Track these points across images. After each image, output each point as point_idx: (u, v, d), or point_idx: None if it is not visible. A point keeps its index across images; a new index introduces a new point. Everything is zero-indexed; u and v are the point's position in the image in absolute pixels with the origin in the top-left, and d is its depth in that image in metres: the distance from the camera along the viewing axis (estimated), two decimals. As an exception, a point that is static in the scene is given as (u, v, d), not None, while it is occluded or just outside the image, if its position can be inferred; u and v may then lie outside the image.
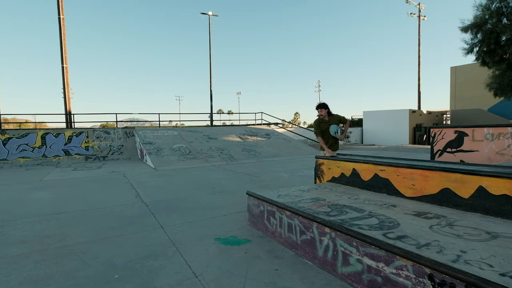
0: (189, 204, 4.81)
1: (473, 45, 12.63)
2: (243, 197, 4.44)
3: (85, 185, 6.68)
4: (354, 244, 2.22)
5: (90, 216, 4.27)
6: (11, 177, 8.01)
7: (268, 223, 3.32)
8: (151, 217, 4.14)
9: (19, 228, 3.77)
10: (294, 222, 2.89)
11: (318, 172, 4.59)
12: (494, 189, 2.56)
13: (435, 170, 3.00)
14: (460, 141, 6.78)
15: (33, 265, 2.72)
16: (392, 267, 1.95)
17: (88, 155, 11.79)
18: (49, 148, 11.31)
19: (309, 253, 2.68)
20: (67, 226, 3.81)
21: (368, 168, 3.73)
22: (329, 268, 2.45)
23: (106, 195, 5.60)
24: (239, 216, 4.06)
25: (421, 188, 3.11)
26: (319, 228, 2.56)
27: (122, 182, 7.00)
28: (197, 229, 3.63)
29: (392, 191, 3.41)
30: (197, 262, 2.71)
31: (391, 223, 2.43)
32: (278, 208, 3.15)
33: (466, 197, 2.74)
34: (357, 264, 2.20)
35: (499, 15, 11.69)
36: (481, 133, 6.42)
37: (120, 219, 4.09)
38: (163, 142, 11.72)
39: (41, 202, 5.10)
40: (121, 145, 12.49)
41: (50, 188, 6.41)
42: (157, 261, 2.75)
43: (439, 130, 7.28)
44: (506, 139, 6.02)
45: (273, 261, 2.69)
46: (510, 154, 5.92)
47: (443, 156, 7.07)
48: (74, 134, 11.85)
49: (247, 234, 3.40)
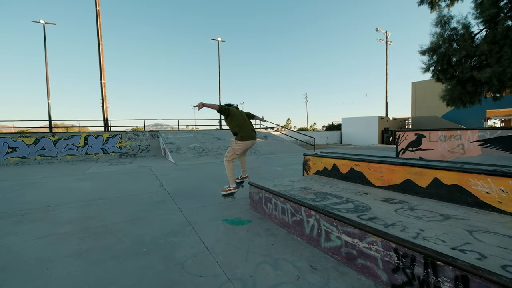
0: (203, 192, 4.80)
1: (429, 65, 12.62)
2: (246, 186, 4.43)
3: (119, 177, 6.67)
4: (334, 224, 2.22)
5: (123, 201, 4.26)
6: (60, 171, 8.00)
7: (266, 207, 3.31)
8: (172, 203, 4.14)
9: (66, 211, 3.77)
10: (286, 206, 2.88)
11: (305, 166, 4.58)
12: (446, 180, 2.56)
13: (399, 165, 3.00)
14: (419, 141, 6.77)
15: (77, 241, 2.72)
16: (365, 242, 1.95)
17: (122, 153, 11.77)
18: (91, 147, 11.29)
19: (298, 231, 2.68)
20: (104, 210, 3.80)
21: (345, 163, 3.73)
22: (315, 243, 2.45)
23: (136, 185, 5.59)
24: (243, 202, 4.05)
25: (388, 179, 3.11)
26: (306, 211, 2.56)
27: (148, 174, 6.99)
28: (209, 212, 3.63)
29: (365, 181, 3.40)
30: (209, 239, 2.70)
31: (364, 207, 2.43)
32: (273, 195, 3.15)
33: (424, 186, 2.74)
34: (337, 240, 2.20)
35: (451, 41, 11.67)
36: (436, 135, 6.42)
37: (147, 204, 4.09)
38: (181, 142, 11.70)
39: (84, 191, 5.09)
40: (148, 145, 12.46)
41: (91, 179, 6.40)
42: (176, 238, 2.74)
43: (402, 133, 7.27)
44: (456, 140, 6.02)
45: (269, 237, 2.69)
46: (459, 152, 5.92)
47: (405, 153, 7.06)
48: (110, 136, 11.83)
49: (249, 216, 3.39)
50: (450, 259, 1.45)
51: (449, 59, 11.80)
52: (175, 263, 2.22)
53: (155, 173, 7.17)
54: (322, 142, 23.33)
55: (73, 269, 2.17)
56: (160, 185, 5.53)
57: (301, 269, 2.07)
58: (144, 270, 2.13)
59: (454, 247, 1.58)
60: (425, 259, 1.56)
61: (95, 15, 14.63)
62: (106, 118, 15.17)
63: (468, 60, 11.43)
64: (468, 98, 12.15)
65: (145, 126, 15.31)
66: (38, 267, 2.21)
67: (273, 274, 2.01)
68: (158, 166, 8.56)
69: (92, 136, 11.48)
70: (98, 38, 14.64)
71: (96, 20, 14.62)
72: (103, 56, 14.80)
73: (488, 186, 2.28)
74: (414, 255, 1.63)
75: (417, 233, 1.79)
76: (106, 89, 15.11)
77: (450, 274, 1.45)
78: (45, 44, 17.28)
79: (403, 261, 1.69)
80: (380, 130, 21.86)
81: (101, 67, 14.76)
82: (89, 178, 6.59)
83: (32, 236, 2.88)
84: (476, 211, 2.27)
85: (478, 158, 4.80)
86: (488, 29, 10.78)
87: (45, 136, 10.71)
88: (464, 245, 1.60)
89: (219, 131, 15.28)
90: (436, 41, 11.94)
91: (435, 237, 1.73)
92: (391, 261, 1.76)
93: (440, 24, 11.89)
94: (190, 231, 2.94)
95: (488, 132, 5.57)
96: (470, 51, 11.00)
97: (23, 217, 3.53)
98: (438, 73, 12.36)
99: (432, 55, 12.31)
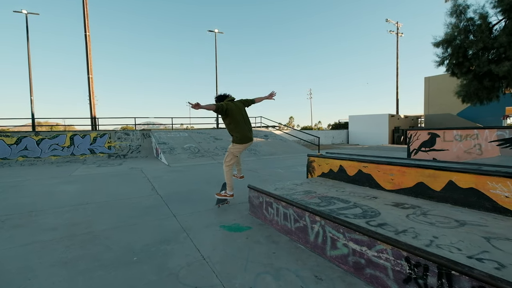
0: (198, 196, 4.81)
1: (444, 58, 12.63)
2: (245, 189, 4.43)
3: (108, 180, 6.67)
4: (341, 231, 2.22)
5: (112, 206, 4.26)
6: (44, 173, 8.00)
7: (267, 212, 3.31)
8: (165, 207, 4.14)
9: (50, 217, 3.77)
10: (289, 212, 2.88)
11: (309, 168, 4.58)
12: (462, 183, 2.55)
13: (411, 166, 3.00)
14: (433, 141, 6.77)
15: (63, 249, 2.71)
16: (374, 250, 1.95)
17: (111, 153, 11.77)
18: (77, 148, 11.29)
19: (302, 238, 2.68)
20: (92, 215, 3.81)
21: (353, 165, 3.73)
22: (319, 251, 2.45)
23: (126, 188, 5.59)
24: (241, 206, 4.06)
25: (399, 182, 3.11)
26: (311, 217, 2.56)
27: (140, 177, 6.99)
28: (205, 217, 3.63)
29: (374, 184, 3.40)
30: (205, 246, 2.70)
31: (373, 212, 2.43)
32: (275, 199, 3.14)
33: (438, 190, 2.74)
34: (343, 248, 2.20)
35: (467, 32, 11.69)
36: (451, 135, 6.42)
37: (138, 209, 4.09)
38: (175, 142, 11.70)
39: (70, 194, 5.09)
40: (139, 145, 12.47)
41: (77, 182, 6.40)
42: (170, 245, 2.74)
43: (414, 132, 7.27)
44: (472, 139, 6.02)
45: (270, 245, 2.69)
46: (476, 152, 5.92)
47: (418, 154, 7.06)
48: (98, 135, 11.84)
49: (248, 222, 3.39)
50: (466, 269, 1.45)
51: (465, 51, 11.81)
52: (169, 272, 2.22)
53: (146, 175, 7.18)
54: (327, 142, 23.35)
55: (57, 279, 2.17)
56: (152, 188, 5.53)
57: (305, 280, 2.07)
58: (135, 280, 2.13)
59: (471, 255, 1.58)
60: (439, 269, 1.56)
61: (82, 5, 14.63)
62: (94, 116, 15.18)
63: (486, 52, 11.43)
64: (485, 94, 12.16)
65: (136, 125, 15.32)
66: (20, 277, 2.21)
67: (275, 284, 2.01)
68: (150, 168, 8.56)
69: (79, 136, 11.48)
70: (85, 29, 14.64)
71: (83, 10, 14.62)
72: (90, 49, 14.81)
73: (508, 190, 2.28)
74: (427, 264, 1.63)
75: (430, 241, 1.79)
76: (93, 85, 15.12)
77: (466, 284, 1.45)
78: (28, 36, 17.29)
79: (416, 270, 1.69)
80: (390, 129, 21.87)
81: (88, 61, 14.77)
82: (75, 181, 6.59)
83: (13, 243, 2.87)
84: (495, 216, 2.27)
85: (496, 159, 4.80)
86: (507, 19, 10.78)
87: (27, 135, 10.71)
88: (482, 254, 1.60)
89: (216, 130, 15.29)
90: (451, 32, 11.95)
91: (450, 244, 1.73)
92: (402, 270, 1.76)
93: (456, 14, 11.90)
94: (185, 238, 2.94)
95: (507, 131, 5.56)
96: (487, 43, 10.99)
97: (4, 223, 3.53)
98: (453, 67, 12.38)
99: (447, 47, 12.32)
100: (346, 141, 24.76)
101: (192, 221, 3.50)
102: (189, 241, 2.84)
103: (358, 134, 23.87)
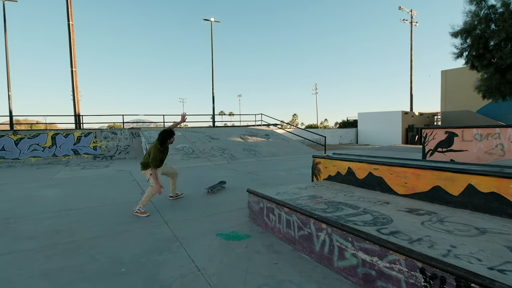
0: (193, 201, 4.81)
1: (462, 50, 12.64)
2: (244, 194, 4.43)
3: (93, 183, 6.67)
4: (349, 239, 2.22)
5: (97, 212, 4.26)
6: (23, 176, 8.00)
7: (268, 219, 3.32)
8: (156, 214, 4.14)
9: (29, 224, 3.77)
10: (292, 218, 2.88)
11: (315, 170, 4.59)
12: (482, 187, 2.55)
13: (427, 169, 3.00)
14: (450, 141, 6.78)
15: (43, 259, 2.71)
16: (385, 261, 1.95)
17: (96, 154, 11.78)
18: (59, 148, 11.30)
19: (307, 248, 2.68)
20: (76, 222, 3.81)
21: (362, 167, 3.73)
22: (326, 262, 2.45)
23: (113, 193, 5.59)
24: (240, 213, 4.06)
25: (413, 186, 3.11)
26: (316, 224, 2.56)
27: (128, 180, 6.99)
28: (200, 225, 3.63)
29: (385, 188, 3.41)
30: (200, 256, 2.70)
31: (384, 219, 2.43)
32: (277, 205, 3.15)
33: (456, 194, 2.74)
34: (352, 258, 2.20)
35: (488, 21, 11.69)
36: (471, 134, 6.42)
37: (126, 215, 4.09)
38: (167, 142, 11.69)
39: (51, 199, 5.09)
40: (128, 145, 12.47)
41: (59, 186, 6.40)
42: (161, 256, 2.75)
43: (430, 130, 7.28)
44: (494, 139, 6.02)
45: (272, 255, 2.69)
46: (498, 153, 5.92)
47: (434, 155, 7.07)
48: (82, 135, 11.84)
49: (247, 230, 3.39)
50: (487, 281, 1.45)
51: (485, 42, 11.82)
52: (160, 285, 2.22)
53: (135, 178, 7.18)
54: (334, 142, 23.37)
55: (38, 293, 2.17)
56: (141, 193, 5.54)
57: (310, 293, 2.07)
58: (123, 294, 2.13)
59: (492, 266, 1.58)
60: (458, 281, 1.56)
61: (65, -9, 14.62)
62: (78, 114, 15.19)
63: (509, 43, 11.44)
64: (508, 89, 12.15)
65: (124, 123, 15.33)
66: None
67: (277, 299, 2.01)
68: (140, 170, 8.54)
69: (61, 135, 11.48)
70: (68, 17, 14.64)
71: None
72: (74, 40, 14.81)
73: (533, 194, 2.28)
74: (444, 276, 1.63)
75: (448, 250, 1.79)
76: (77, 79, 15.13)
77: (487, 298, 1.45)
78: (5, 25, 17.30)
79: (431, 283, 1.68)
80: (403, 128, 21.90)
81: (71, 53, 14.77)
82: (57, 184, 6.59)
83: (-11, 253, 2.87)
84: (518, 223, 2.26)
85: (520, 161, 4.80)
86: (532, 7, 10.79)
87: (5, 134, 10.72)
88: (504, 265, 1.60)
89: (212, 128, 15.31)
90: (470, 21, 11.96)
91: (469, 254, 1.73)
92: (417, 283, 1.76)
93: (476, 1, 11.91)
94: (178, 247, 2.94)
95: (532, 129, 5.56)
96: (510, 33, 11.00)
97: (-21, 231, 3.53)
98: (473, 59, 12.38)
99: (466, 37, 12.32)
100: (355, 141, 24.79)
101: (186, 228, 3.50)
102: (182, 251, 2.84)
103: (368, 133, 23.90)
